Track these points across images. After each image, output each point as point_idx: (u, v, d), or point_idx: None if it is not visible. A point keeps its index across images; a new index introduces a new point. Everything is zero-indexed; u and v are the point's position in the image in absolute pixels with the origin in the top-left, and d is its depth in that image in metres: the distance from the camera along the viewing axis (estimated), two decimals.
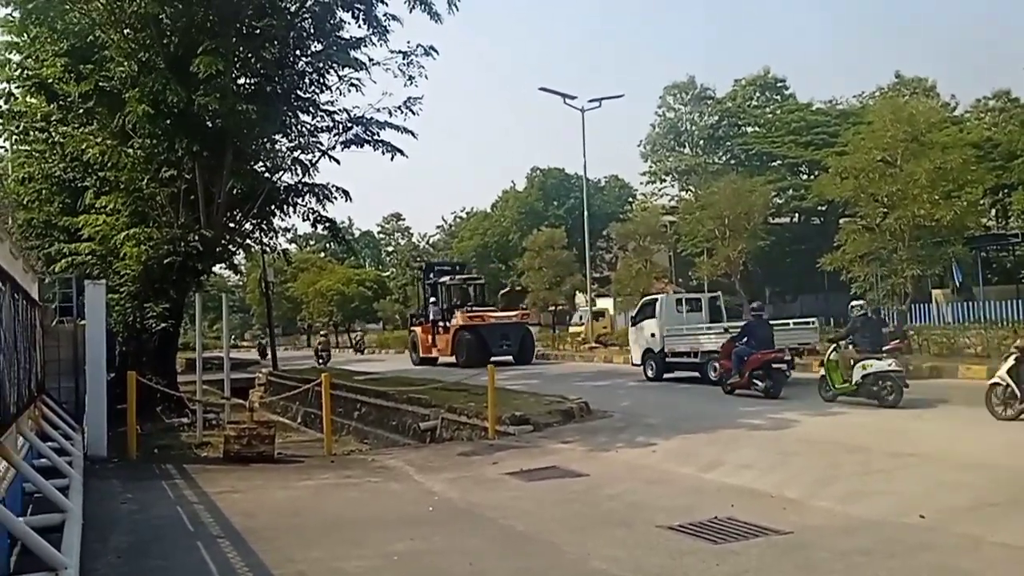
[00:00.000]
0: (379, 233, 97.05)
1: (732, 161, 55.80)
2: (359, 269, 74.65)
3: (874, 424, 11.82)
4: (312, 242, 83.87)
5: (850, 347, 14.14)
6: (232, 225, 19.41)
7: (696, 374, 19.19)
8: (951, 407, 12.99)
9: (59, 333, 13.88)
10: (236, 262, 25.58)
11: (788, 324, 19.25)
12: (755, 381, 15.79)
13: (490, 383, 13.24)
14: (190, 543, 7.12)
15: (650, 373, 20.65)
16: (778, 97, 58.24)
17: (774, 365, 15.67)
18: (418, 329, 32.59)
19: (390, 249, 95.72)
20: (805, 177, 48.34)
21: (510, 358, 28.12)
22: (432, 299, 31.42)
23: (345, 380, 20.49)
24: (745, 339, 16.26)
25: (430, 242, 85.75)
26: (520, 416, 13.32)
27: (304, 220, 20.39)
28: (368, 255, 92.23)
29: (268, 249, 24.47)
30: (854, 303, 15.46)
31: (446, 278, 32.06)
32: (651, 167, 60.90)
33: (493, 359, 24.24)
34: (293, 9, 17.35)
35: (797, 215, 50.24)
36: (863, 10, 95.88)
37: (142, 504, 8.77)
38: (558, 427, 13.15)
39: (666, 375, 20.23)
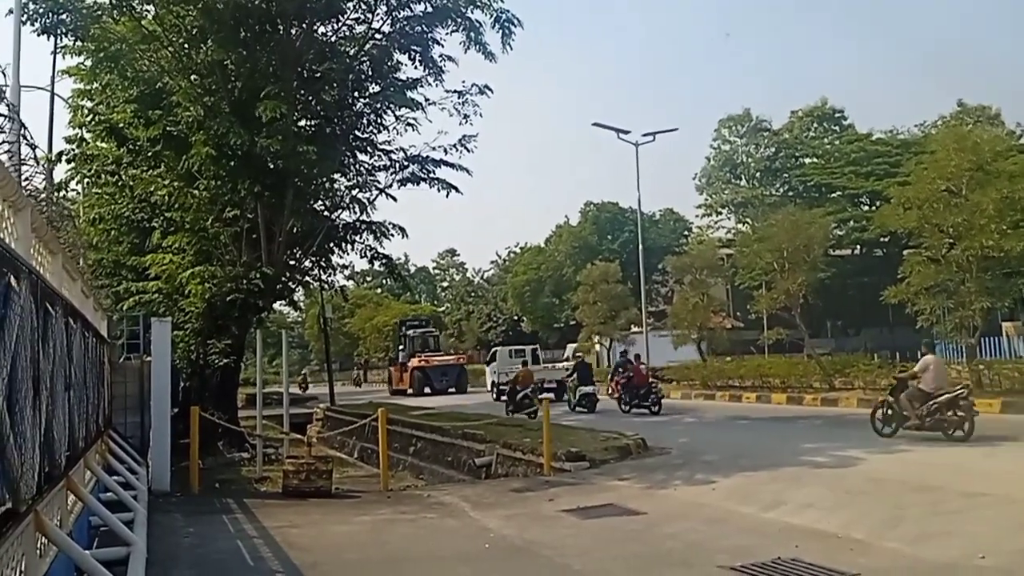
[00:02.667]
0: (434, 269, 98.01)
1: (790, 193, 55.12)
2: (415, 305, 75.39)
3: (942, 462, 11.43)
4: (369, 278, 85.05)
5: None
6: (292, 263, 19.82)
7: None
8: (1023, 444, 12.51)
9: (126, 369, 14.28)
10: (296, 299, 26.08)
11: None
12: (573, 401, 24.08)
13: (545, 419, 13.18)
14: None
15: (492, 397, 30.14)
16: (836, 128, 57.50)
17: (582, 390, 23.47)
18: (392, 368, 45.33)
19: (445, 284, 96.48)
20: (866, 208, 47.44)
21: (453, 388, 38.25)
22: (401, 347, 43.79)
23: (401, 415, 20.60)
24: (573, 375, 24.12)
25: (484, 277, 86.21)
26: (576, 452, 13.19)
27: (362, 257, 20.74)
28: (423, 291, 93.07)
29: (326, 286, 24.91)
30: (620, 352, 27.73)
31: (411, 331, 43.64)
32: (707, 200, 60.52)
33: (439, 390, 37.13)
34: (352, 52, 17.84)
35: (859, 247, 49.20)
36: (923, 39, 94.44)
37: (203, 538, 8.91)
38: (614, 464, 12.98)
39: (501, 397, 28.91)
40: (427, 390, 37.77)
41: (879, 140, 51.29)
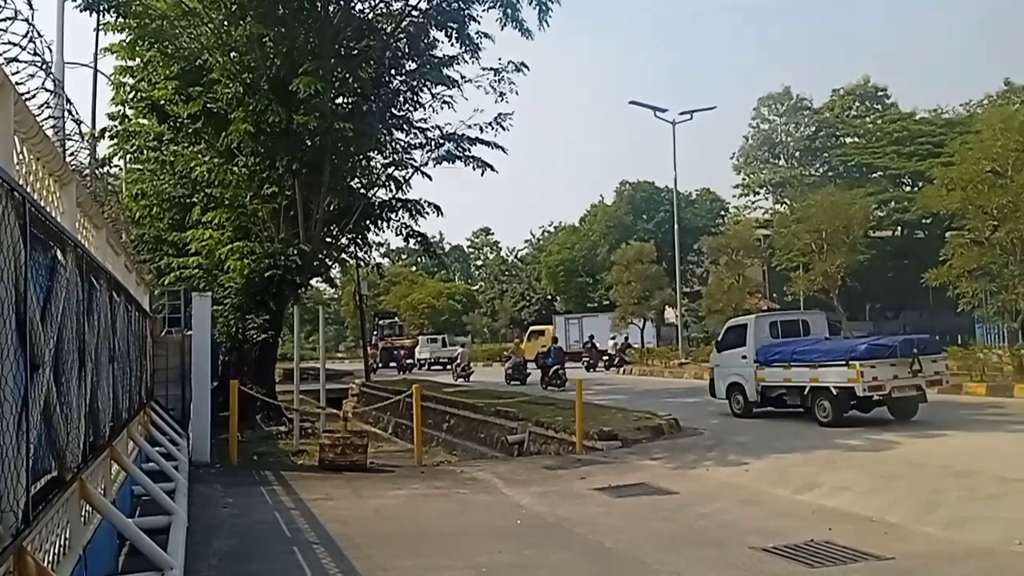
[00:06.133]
0: (469, 247, 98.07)
1: (830, 173, 54.25)
2: (449, 283, 75.62)
3: (980, 447, 11.25)
4: (404, 256, 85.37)
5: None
6: (329, 240, 19.99)
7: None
8: None
9: (167, 343, 14.51)
10: (332, 275, 26.31)
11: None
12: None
13: (578, 398, 13.20)
14: (287, 548, 7.35)
15: (418, 367, 44.32)
16: (879, 107, 56.32)
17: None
18: (367, 347, 56.99)
19: (479, 263, 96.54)
20: (908, 189, 46.54)
21: (409, 362, 48.93)
22: (375, 332, 55.64)
23: (435, 392, 20.77)
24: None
25: (518, 256, 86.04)
26: (608, 431, 13.23)
27: (397, 235, 20.86)
28: (458, 269, 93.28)
29: (363, 263, 25.10)
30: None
31: (382, 321, 58.76)
32: (744, 179, 59.79)
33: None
34: (389, 30, 17.83)
35: (900, 228, 48.27)
36: (969, 16, 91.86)
37: (242, 509, 9.10)
38: (647, 443, 13.00)
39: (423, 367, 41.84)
40: (392, 363, 50.26)
41: (922, 119, 50.12)
